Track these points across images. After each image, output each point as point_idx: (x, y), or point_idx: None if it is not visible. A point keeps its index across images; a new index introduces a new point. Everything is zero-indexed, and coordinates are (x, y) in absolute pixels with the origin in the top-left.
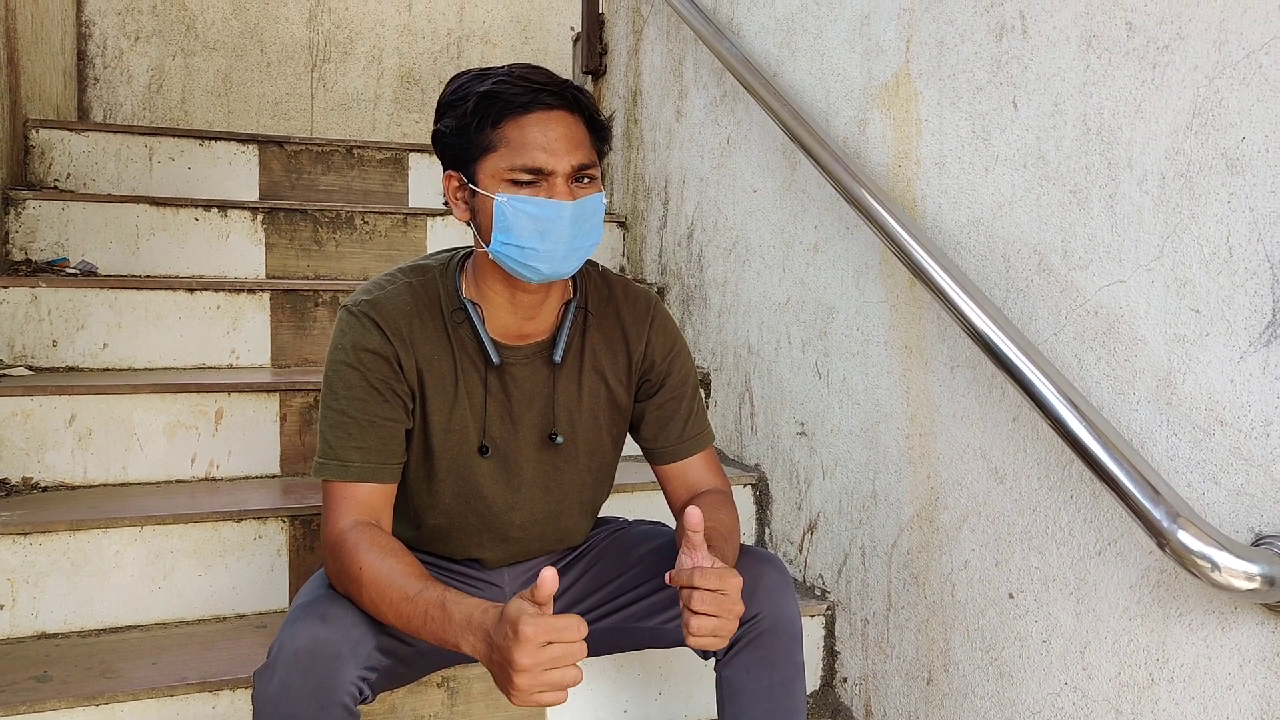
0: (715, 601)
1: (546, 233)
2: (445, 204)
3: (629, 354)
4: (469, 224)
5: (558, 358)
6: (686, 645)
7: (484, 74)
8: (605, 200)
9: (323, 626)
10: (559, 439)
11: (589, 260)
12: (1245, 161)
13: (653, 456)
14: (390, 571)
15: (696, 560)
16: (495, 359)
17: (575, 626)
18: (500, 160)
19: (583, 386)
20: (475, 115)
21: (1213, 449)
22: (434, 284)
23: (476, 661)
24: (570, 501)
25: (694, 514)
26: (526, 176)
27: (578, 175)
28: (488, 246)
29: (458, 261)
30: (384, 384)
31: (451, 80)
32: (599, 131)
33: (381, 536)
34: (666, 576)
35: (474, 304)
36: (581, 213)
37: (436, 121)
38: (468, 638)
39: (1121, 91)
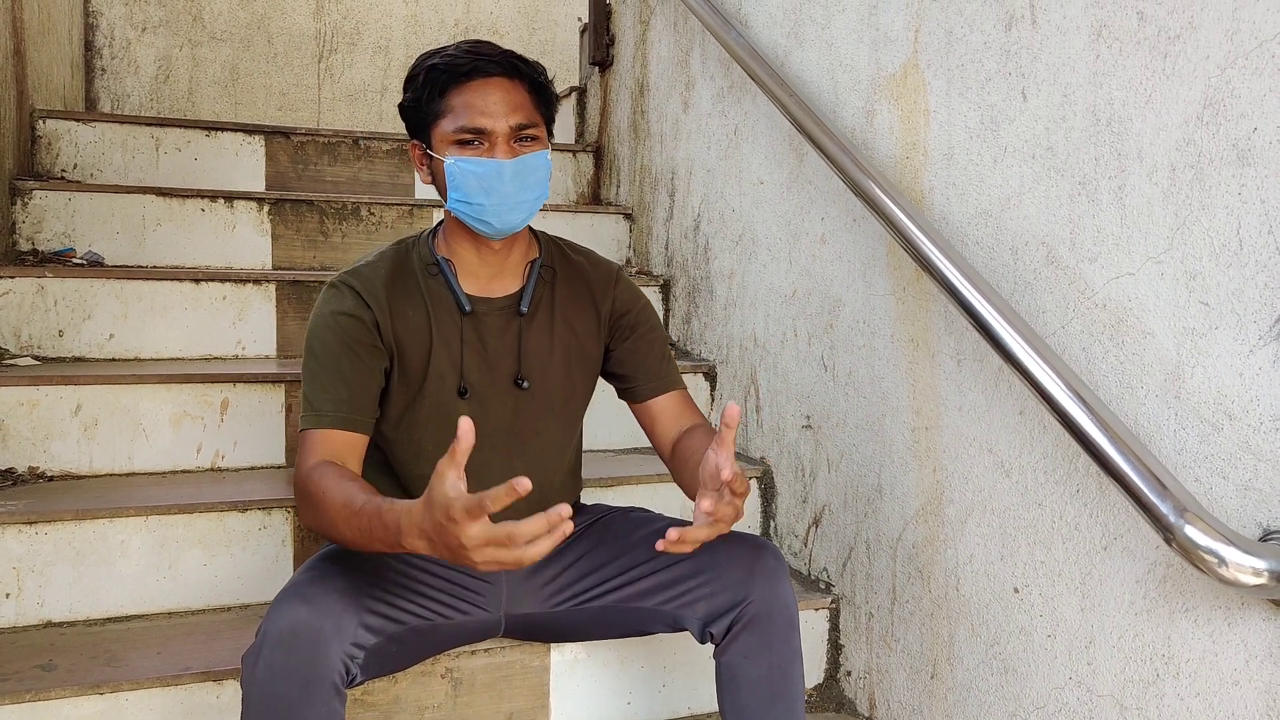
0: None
1: (490, 189)
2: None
3: (596, 308)
4: (432, 185)
5: (524, 308)
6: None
7: (438, 51)
8: (550, 157)
9: (305, 607)
10: (525, 384)
11: (553, 236)
12: (1257, 153)
13: (634, 394)
14: (343, 490)
15: (722, 456)
16: (467, 307)
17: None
18: (448, 124)
19: (554, 338)
20: (426, 86)
21: (1221, 443)
22: (411, 249)
23: (478, 653)
24: (547, 449)
25: (733, 409)
26: (469, 138)
27: (519, 136)
28: (447, 205)
29: (433, 228)
30: (357, 341)
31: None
32: (542, 95)
33: (343, 469)
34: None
35: (447, 260)
36: (521, 169)
37: (403, 96)
38: (413, 541)
39: (1132, 82)
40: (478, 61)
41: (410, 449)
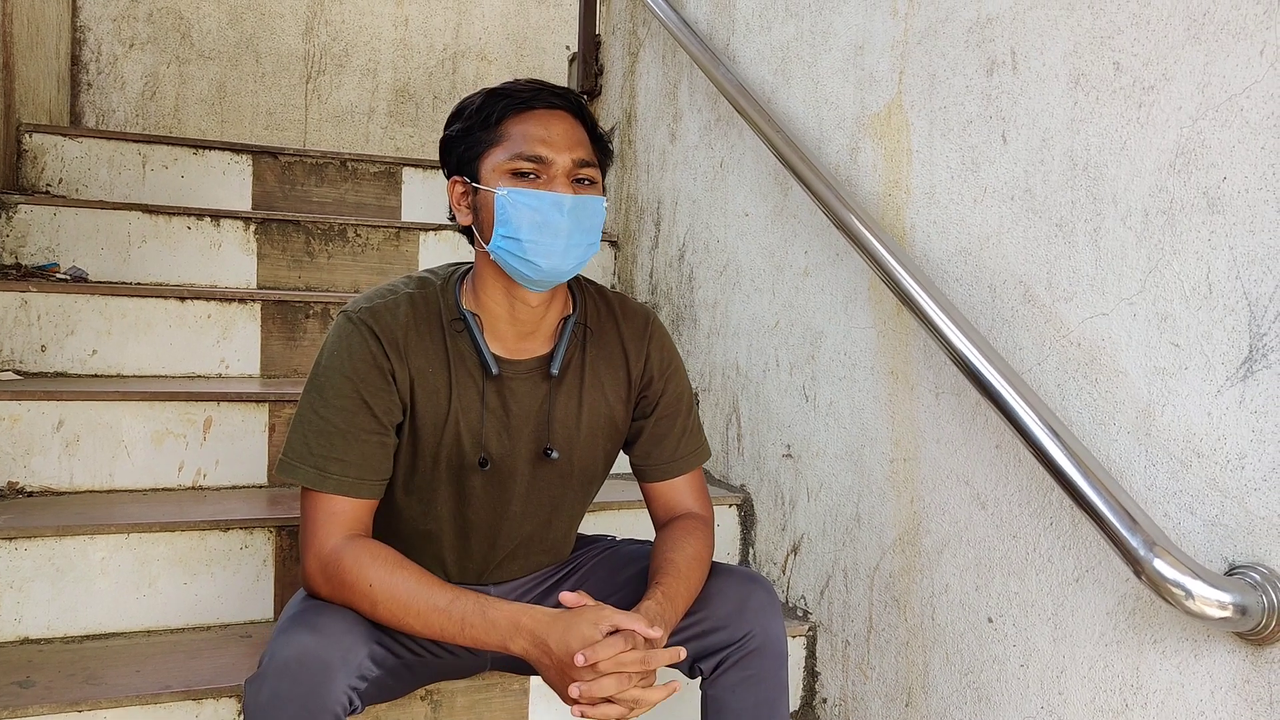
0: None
1: (545, 225)
2: (451, 215)
3: (628, 371)
4: (471, 228)
5: (555, 370)
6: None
7: (491, 88)
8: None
9: (313, 636)
10: (554, 454)
11: (585, 279)
12: (1226, 201)
13: (640, 473)
14: (407, 583)
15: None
16: (494, 370)
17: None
18: (502, 153)
19: (583, 404)
20: (481, 113)
21: (1189, 480)
22: (434, 296)
23: (462, 678)
24: (560, 515)
25: (567, 598)
26: (527, 167)
27: (578, 175)
28: (488, 245)
29: (460, 274)
30: (375, 397)
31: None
32: (600, 144)
33: (380, 548)
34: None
35: (474, 315)
36: (581, 209)
37: (445, 130)
38: (518, 641)
39: (1108, 129)
40: (540, 92)
41: (418, 510)
